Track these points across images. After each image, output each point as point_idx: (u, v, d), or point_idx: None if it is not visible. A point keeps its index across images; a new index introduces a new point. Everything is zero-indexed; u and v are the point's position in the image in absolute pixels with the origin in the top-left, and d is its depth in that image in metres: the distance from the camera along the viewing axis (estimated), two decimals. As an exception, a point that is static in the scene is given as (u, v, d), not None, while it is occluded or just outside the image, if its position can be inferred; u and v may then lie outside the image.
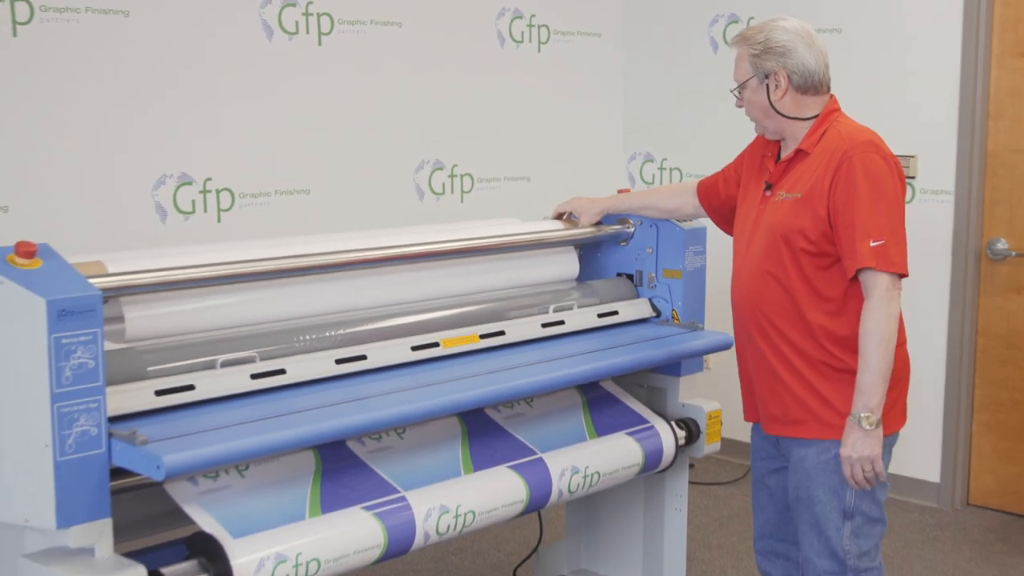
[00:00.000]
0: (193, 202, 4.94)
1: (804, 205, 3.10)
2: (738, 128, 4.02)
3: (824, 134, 3.15)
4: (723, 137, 5.85)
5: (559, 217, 3.94)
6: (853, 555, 3.16)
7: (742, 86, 3.24)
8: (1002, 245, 5.36)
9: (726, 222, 3.60)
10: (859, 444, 3.04)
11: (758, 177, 3.33)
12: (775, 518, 3.44)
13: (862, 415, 3.03)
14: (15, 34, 4.39)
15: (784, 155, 3.25)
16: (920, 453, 5.56)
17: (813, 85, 3.17)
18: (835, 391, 3.13)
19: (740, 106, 3.30)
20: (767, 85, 3.17)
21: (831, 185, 3.06)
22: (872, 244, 3.00)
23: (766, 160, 3.32)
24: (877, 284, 3.01)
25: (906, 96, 5.50)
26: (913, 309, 5.49)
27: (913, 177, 5.47)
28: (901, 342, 3.17)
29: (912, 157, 5.45)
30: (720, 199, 3.60)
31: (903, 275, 3.05)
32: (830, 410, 3.13)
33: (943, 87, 5.39)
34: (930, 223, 5.45)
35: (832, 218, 3.06)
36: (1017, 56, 5.25)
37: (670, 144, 6.42)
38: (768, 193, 3.24)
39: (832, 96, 3.25)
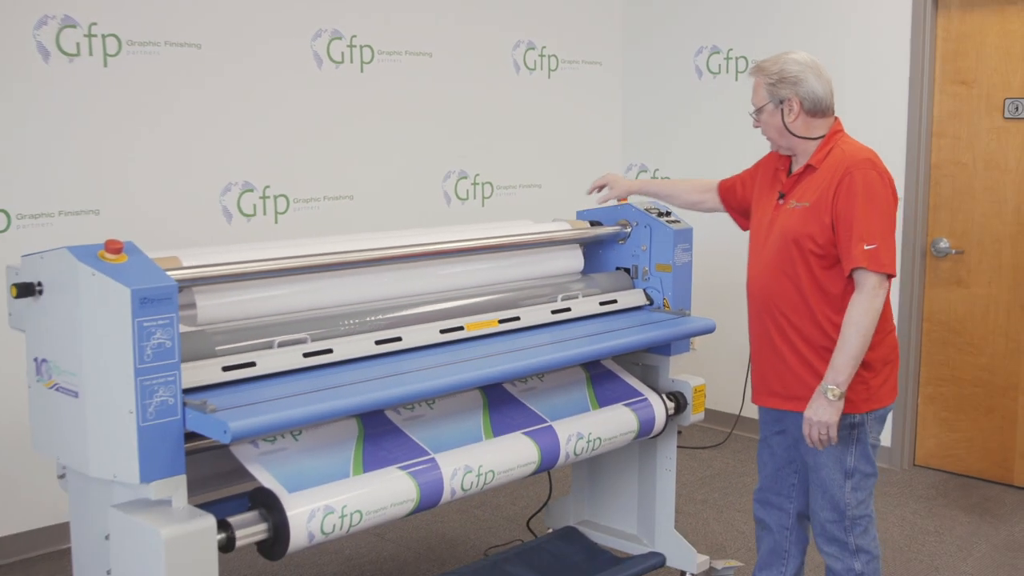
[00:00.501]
0: (254, 206, 4.94)
1: (812, 213, 3.10)
2: (718, 143, 4.00)
3: (830, 151, 3.15)
4: (706, 150, 5.86)
5: (597, 189, 3.93)
6: (852, 506, 3.20)
7: (759, 110, 3.22)
8: (944, 244, 5.34)
9: (743, 217, 3.59)
10: (821, 410, 3.05)
11: (771, 186, 3.31)
12: (773, 473, 3.46)
13: (829, 387, 3.03)
14: (106, 64, 4.40)
15: (795, 169, 3.24)
16: (874, 421, 5.55)
17: (821, 109, 3.16)
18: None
19: (757, 127, 3.27)
20: (782, 110, 3.16)
21: (834, 196, 3.06)
22: (866, 247, 2.99)
23: (779, 172, 3.31)
24: (866, 281, 3.01)
25: (863, 116, 5.46)
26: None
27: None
28: (891, 329, 3.20)
29: (868, 168, 5.42)
30: (737, 199, 3.59)
31: (891, 275, 3.05)
32: None
33: (894, 109, 5.37)
34: (883, 225, 5.43)
35: (834, 224, 3.06)
36: (957, 83, 5.23)
37: (662, 156, 6.40)
38: (781, 202, 3.23)
39: (836, 118, 3.23)
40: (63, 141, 4.32)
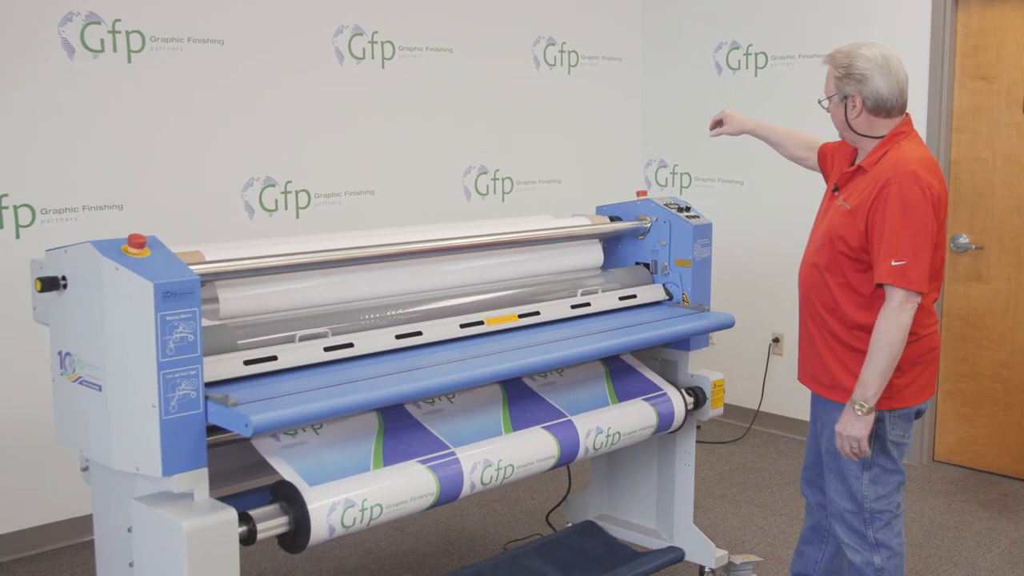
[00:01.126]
0: (276, 201, 4.95)
1: (851, 216, 3.07)
2: (738, 139, 3.98)
3: (884, 155, 3.09)
4: (726, 145, 5.82)
5: (716, 124, 3.84)
6: (870, 499, 3.18)
7: (827, 100, 3.20)
8: (964, 239, 5.30)
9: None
10: (850, 425, 3.04)
11: (837, 173, 3.28)
12: (815, 455, 3.44)
13: (857, 403, 3.02)
14: (129, 60, 4.41)
15: (856, 163, 3.20)
16: (893, 417, 5.52)
17: (885, 109, 3.10)
18: (859, 369, 3.09)
19: (828, 111, 3.22)
20: (845, 104, 3.12)
21: (872, 204, 3.01)
22: (894, 263, 2.95)
23: (845, 162, 3.28)
24: (893, 297, 2.97)
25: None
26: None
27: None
28: (925, 334, 3.15)
29: (888, 164, 5.40)
30: (827, 168, 3.51)
31: (920, 292, 2.99)
32: (853, 383, 3.09)
33: (913, 104, 5.30)
34: (903, 221, 5.41)
35: (869, 233, 3.03)
36: (976, 79, 5.19)
37: (680, 151, 6.38)
38: (836, 193, 3.21)
39: (906, 116, 3.17)
40: (87, 136, 4.34)
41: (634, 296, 3.78)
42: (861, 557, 3.23)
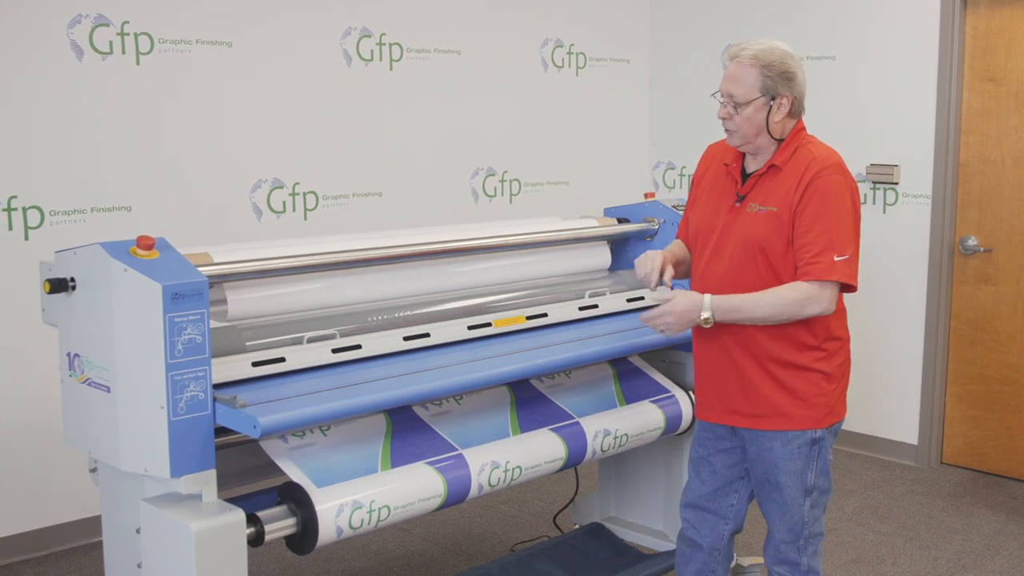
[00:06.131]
0: (284, 203, 4.95)
1: (777, 218, 2.86)
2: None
3: (795, 151, 2.90)
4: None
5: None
6: (810, 523, 3.01)
7: (746, 103, 2.87)
8: (972, 242, 5.29)
9: None
10: (684, 313, 2.84)
11: (725, 186, 3.03)
12: (712, 493, 3.15)
13: (706, 315, 2.83)
14: (138, 62, 4.41)
15: (754, 168, 2.96)
16: (901, 419, 5.51)
17: (800, 110, 2.95)
18: (801, 388, 2.91)
19: (725, 116, 2.92)
20: (771, 106, 2.87)
21: (799, 200, 2.83)
22: (837, 259, 2.78)
23: (731, 170, 3.01)
24: (824, 290, 2.79)
25: (890, 114, 5.44)
26: (895, 296, 5.47)
27: (896, 183, 5.41)
28: (846, 339, 2.99)
29: (895, 166, 5.39)
30: (698, 196, 3.17)
31: (851, 285, 2.82)
32: (794, 405, 2.92)
33: (922, 106, 5.33)
34: (910, 223, 5.40)
35: (795, 229, 2.84)
36: (985, 80, 5.18)
37: (688, 153, 6.37)
38: (739, 204, 2.95)
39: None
40: (96, 138, 4.34)
41: (642, 298, 3.77)
42: None
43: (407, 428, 3.03)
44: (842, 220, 2.81)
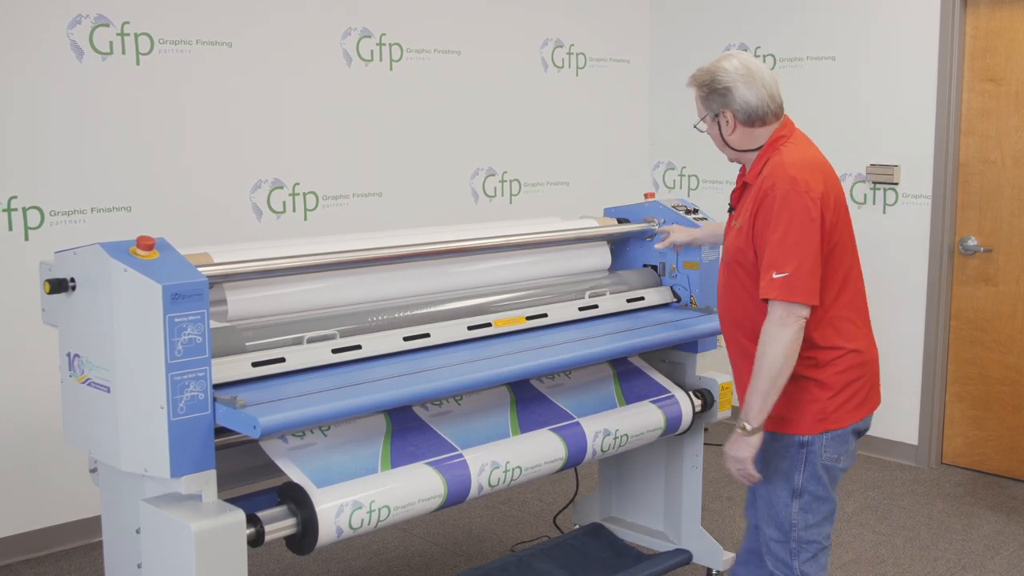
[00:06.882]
0: (284, 203, 4.95)
1: (742, 233, 2.88)
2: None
3: (765, 165, 2.89)
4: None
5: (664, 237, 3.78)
6: (799, 528, 2.98)
7: (701, 123, 3.02)
8: (972, 242, 5.29)
9: None
10: (733, 446, 2.87)
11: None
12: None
13: (739, 424, 2.85)
14: (138, 63, 4.42)
15: (742, 182, 3.01)
16: (901, 419, 5.52)
17: (760, 118, 2.90)
18: (792, 393, 2.89)
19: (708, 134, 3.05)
20: (718, 123, 2.94)
21: (755, 216, 2.83)
22: (775, 276, 2.72)
23: (738, 182, 3.07)
24: (773, 312, 2.76)
25: (890, 114, 5.44)
26: (894, 297, 5.46)
27: (896, 183, 5.41)
28: (853, 348, 2.93)
29: (896, 166, 5.39)
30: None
31: (807, 303, 2.74)
32: (785, 409, 2.91)
33: (922, 107, 5.33)
34: (910, 223, 5.40)
35: (756, 247, 2.85)
36: (985, 81, 5.18)
37: (688, 154, 6.37)
38: (731, 215, 3.03)
39: (784, 120, 2.95)
40: (96, 139, 4.34)
41: (642, 298, 3.78)
42: None
43: (407, 428, 3.03)
44: (785, 236, 2.75)
